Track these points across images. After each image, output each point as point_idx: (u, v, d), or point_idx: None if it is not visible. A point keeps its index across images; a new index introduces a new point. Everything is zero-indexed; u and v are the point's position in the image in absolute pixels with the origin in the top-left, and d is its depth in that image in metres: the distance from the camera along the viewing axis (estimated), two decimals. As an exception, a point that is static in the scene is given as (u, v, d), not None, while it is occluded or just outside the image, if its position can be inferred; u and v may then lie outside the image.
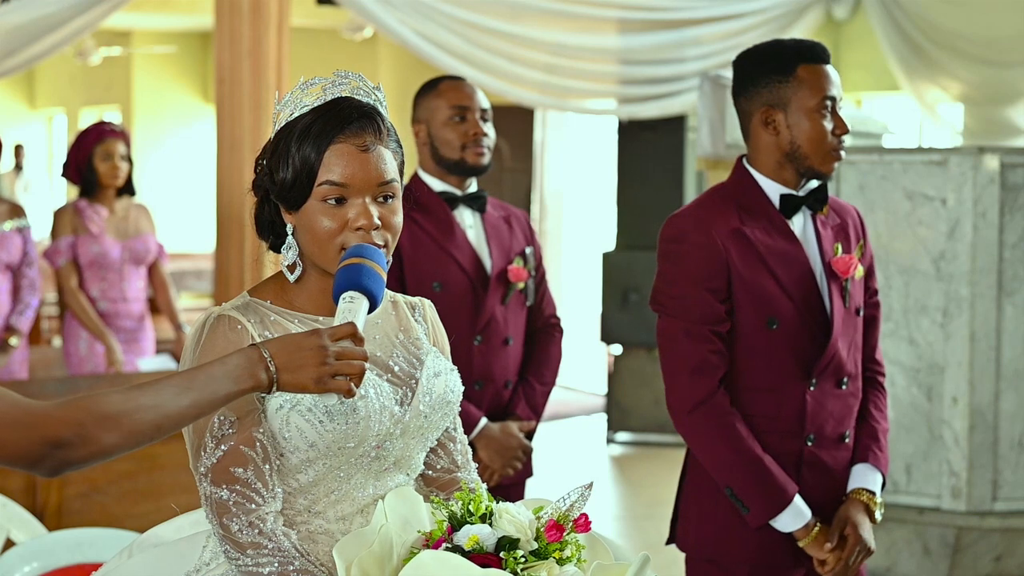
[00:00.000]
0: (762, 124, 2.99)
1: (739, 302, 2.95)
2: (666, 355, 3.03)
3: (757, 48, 3.06)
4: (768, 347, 2.96)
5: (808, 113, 2.95)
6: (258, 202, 2.18)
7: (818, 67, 2.97)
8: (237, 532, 2.01)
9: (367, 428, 2.07)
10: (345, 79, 2.13)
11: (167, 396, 1.84)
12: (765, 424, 2.97)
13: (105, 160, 5.65)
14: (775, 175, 3.01)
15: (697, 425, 2.95)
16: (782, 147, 2.98)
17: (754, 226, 2.97)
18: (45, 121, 18.70)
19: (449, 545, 1.96)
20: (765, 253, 2.95)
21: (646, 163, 8.52)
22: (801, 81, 2.95)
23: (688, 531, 3.11)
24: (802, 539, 2.98)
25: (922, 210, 5.15)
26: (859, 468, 3.07)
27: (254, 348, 1.90)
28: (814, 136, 2.95)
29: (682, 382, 2.97)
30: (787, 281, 2.96)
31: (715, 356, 2.94)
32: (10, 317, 5.61)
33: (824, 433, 3.02)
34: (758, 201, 3.00)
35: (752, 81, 3.00)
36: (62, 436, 1.77)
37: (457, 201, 3.69)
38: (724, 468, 2.95)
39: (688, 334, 2.96)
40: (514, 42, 7.60)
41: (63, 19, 6.41)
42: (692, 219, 2.99)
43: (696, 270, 2.95)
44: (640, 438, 8.69)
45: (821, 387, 3.00)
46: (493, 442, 3.61)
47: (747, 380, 2.97)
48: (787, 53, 2.98)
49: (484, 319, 3.63)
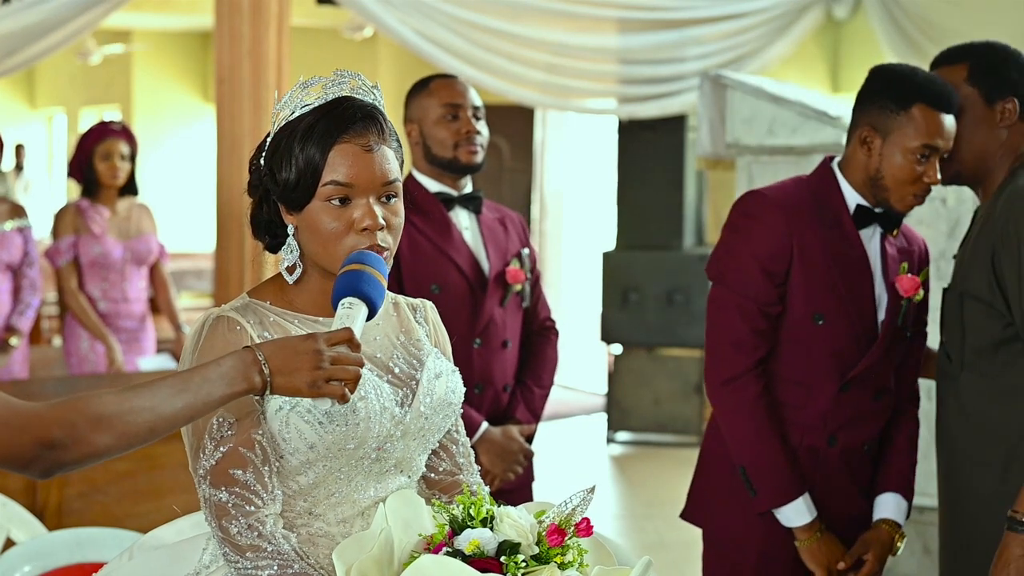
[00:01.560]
0: (860, 140, 3.01)
1: (792, 291, 2.98)
2: (712, 324, 3.04)
3: (893, 67, 3.07)
4: (809, 341, 2.99)
5: (904, 152, 2.96)
6: (255, 203, 2.17)
7: (935, 114, 2.95)
8: (236, 535, 1.99)
9: (367, 430, 2.06)
10: (344, 78, 2.13)
11: (161, 398, 1.83)
12: (791, 415, 3.00)
13: (105, 160, 5.65)
14: (860, 187, 3.04)
15: (727, 398, 2.98)
16: (869, 171, 3.01)
17: (827, 223, 3.01)
18: (45, 121, 18.69)
19: (450, 549, 1.95)
20: (828, 250, 2.99)
21: (646, 163, 8.51)
22: (911, 118, 2.95)
23: (702, 507, 3.14)
24: (801, 539, 2.99)
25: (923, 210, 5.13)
26: (889, 498, 3.10)
27: (248, 350, 1.89)
28: (900, 176, 2.97)
29: (722, 353, 3.00)
30: (842, 283, 2.99)
31: (758, 336, 2.97)
32: (11, 317, 5.61)
33: (844, 439, 3.03)
34: (835, 203, 3.03)
35: (870, 96, 3.02)
36: (54, 437, 1.76)
37: (453, 202, 3.68)
38: (743, 446, 2.98)
39: (739, 308, 2.98)
40: (514, 42, 7.60)
41: (64, 19, 6.41)
42: (769, 199, 3.02)
43: (761, 249, 2.98)
44: (640, 438, 8.69)
45: (854, 393, 3.02)
46: (495, 446, 3.60)
47: (784, 369, 3.00)
48: (912, 85, 2.96)
49: (483, 321, 3.62)
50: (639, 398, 8.58)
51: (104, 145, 5.65)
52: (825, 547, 2.99)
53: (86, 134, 5.74)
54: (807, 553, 2.99)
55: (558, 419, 9.24)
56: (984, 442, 2.99)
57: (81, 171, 5.70)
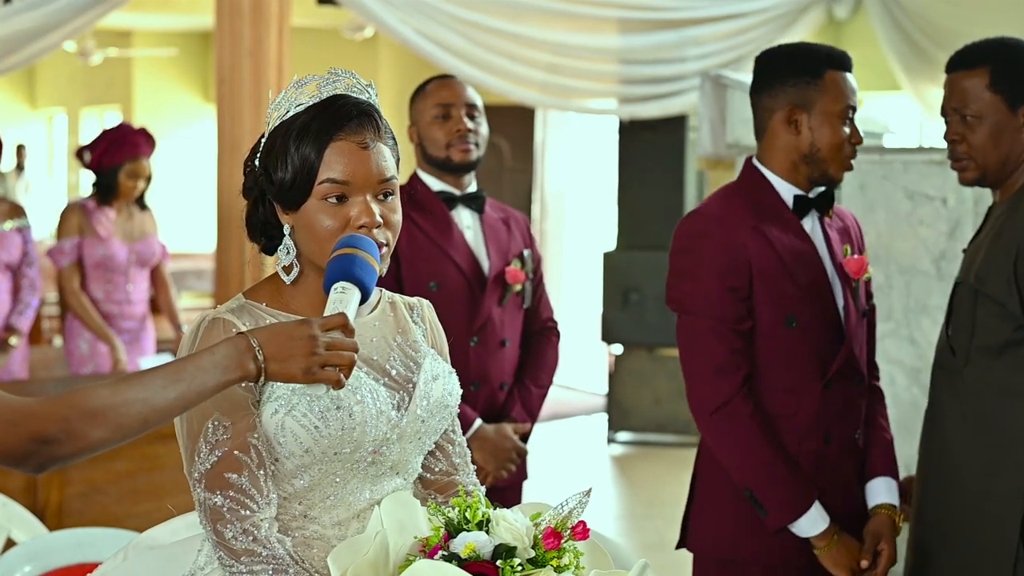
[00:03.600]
0: (784, 122, 2.98)
1: (759, 301, 2.93)
2: (688, 354, 2.98)
3: (786, 47, 3.06)
4: (787, 346, 2.95)
5: (831, 118, 2.96)
6: (250, 205, 2.16)
7: (844, 75, 2.98)
8: (231, 539, 1.98)
9: (363, 433, 2.05)
10: (338, 77, 2.12)
11: (154, 389, 1.82)
12: (784, 424, 2.96)
13: (130, 178, 5.68)
14: (789, 176, 3.00)
15: (720, 426, 2.92)
16: (801, 148, 2.98)
17: (770, 223, 2.97)
18: (46, 121, 18.70)
19: (445, 553, 1.94)
20: (781, 251, 2.95)
21: (646, 163, 8.51)
22: (828, 86, 2.96)
23: (703, 532, 3.06)
24: (820, 546, 2.94)
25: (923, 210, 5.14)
26: (881, 483, 3.07)
27: (242, 337, 1.88)
28: (835, 142, 2.96)
29: (705, 382, 2.93)
30: (804, 280, 2.96)
31: (738, 355, 2.92)
32: (10, 317, 5.61)
33: (839, 433, 3.01)
34: (772, 201, 3.00)
35: (779, 78, 2.99)
36: (48, 432, 1.76)
37: (455, 201, 3.69)
38: (745, 469, 2.92)
39: (712, 332, 2.92)
40: (515, 41, 7.59)
41: (64, 19, 6.41)
42: (712, 216, 2.97)
43: (718, 267, 2.92)
44: (640, 438, 8.69)
45: (836, 387, 2.99)
46: (488, 444, 3.61)
47: (767, 381, 2.95)
48: (817, 56, 2.98)
49: (481, 320, 3.62)
50: (639, 398, 8.58)
51: (135, 165, 5.67)
52: (844, 549, 2.95)
53: (117, 139, 5.67)
54: (828, 559, 2.94)
55: (558, 419, 9.24)
56: (978, 437, 2.98)
57: (99, 174, 5.69)
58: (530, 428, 3.72)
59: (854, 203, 5.39)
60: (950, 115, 3.10)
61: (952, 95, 3.10)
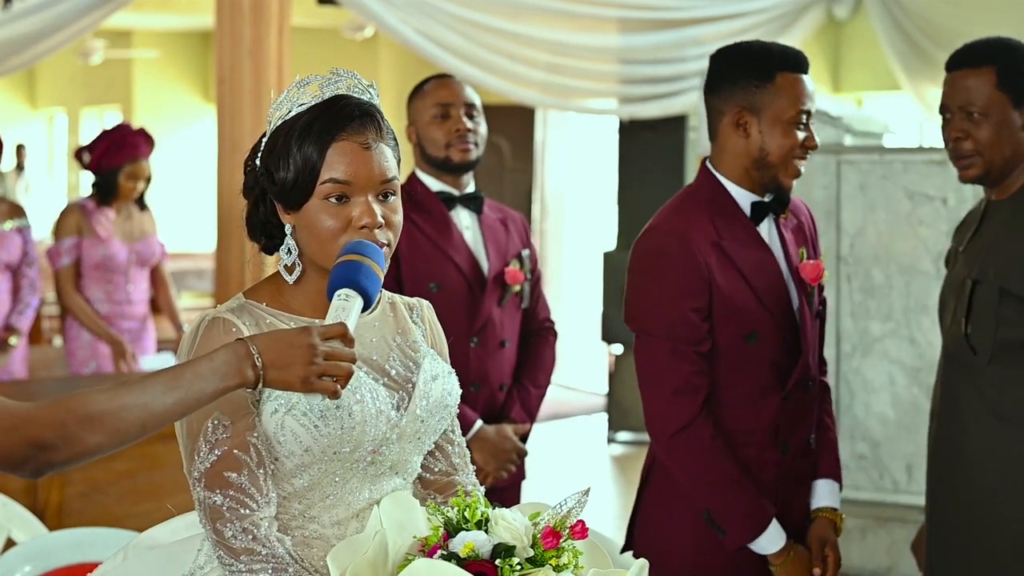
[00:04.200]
0: (733, 126, 2.89)
1: (719, 319, 2.85)
2: (646, 376, 2.91)
3: (737, 46, 2.96)
4: (747, 362, 2.88)
5: (782, 124, 2.86)
6: (251, 204, 2.16)
7: (798, 77, 2.87)
8: (231, 538, 1.98)
9: (363, 433, 2.05)
10: (340, 77, 2.12)
11: (152, 394, 1.82)
12: (745, 438, 2.90)
13: (130, 179, 5.69)
14: (742, 180, 2.92)
15: (679, 449, 2.86)
16: (751, 153, 2.89)
17: (730, 237, 2.88)
18: (46, 121, 18.69)
19: (444, 552, 1.94)
20: (742, 266, 2.86)
21: (646, 163, 8.52)
22: (779, 89, 2.85)
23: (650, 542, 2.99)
24: (776, 563, 2.90)
25: (923, 209, 5.14)
26: (822, 485, 3.03)
27: (242, 343, 1.87)
28: (785, 147, 2.86)
29: (664, 404, 2.87)
30: (764, 293, 2.88)
31: (698, 377, 2.84)
32: (10, 316, 5.61)
33: (796, 441, 2.97)
34: (729, 208, 2.91)
35: (729, 79, 2.90)
36: (45, 438, 1.75)
37: (454, 201, 3.69)
38: (704, 491, 2.87)
39: (672, 354, 2.84)
40: (516, 41, 7.59)
41: (67, 22, 6.42)
42: (672, 234, 2.87)
43: (679, 287, 2.84)
44: (640, 438, 8.68)
45: (793, 396, 2.93)
46: (488, 444, 3.61)
47: (727, 396, 2.89)
48: (768, 57, 2.88)
49: (481, 321, 3.63)
50: (639, 398, 8.57)
51: (135, 166, 5.67)
52: (799, 561, 2.91)
53: (117, 140, 5.67)
54: (784, 574, 2.90)
55: (558, 419, 9.24)
56: (1001, 432, 2.98)
57: (98, 174, 5.69)
58: (529, 428, 3.72)
59: (854, 203, 5.39)
60: (953, 112, 3.08)
61: (956, 93, 3.07)
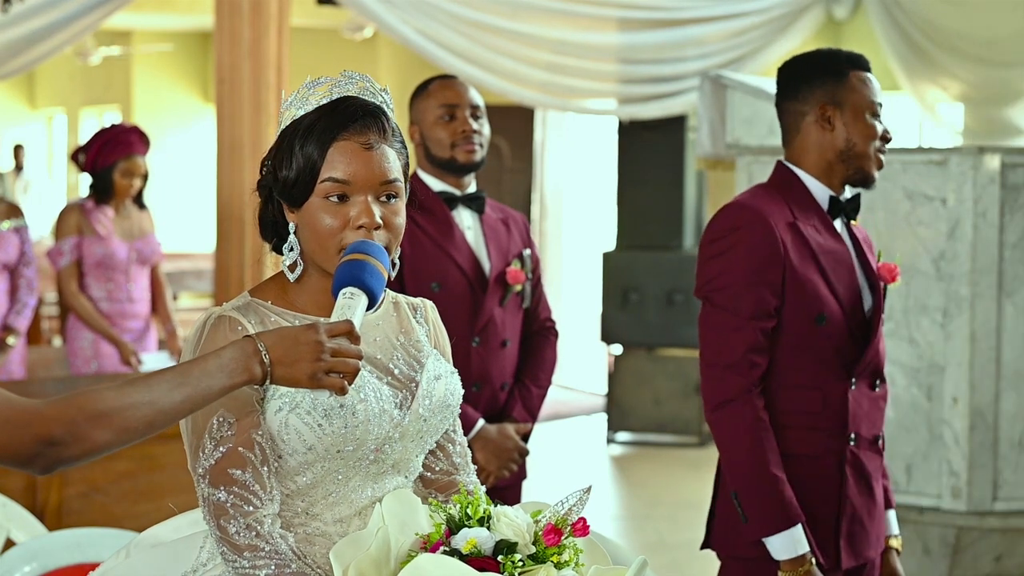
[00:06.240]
0: (817, 122, 2.99)
1: (789, 297, 2.92)
2: (706, 345, 2.96)
3: (803, 55, 3.09)
4: (815, 344, 2.94)
5: (864, 112, 2.98)
6: (262, 202, 2.17)
7: (868, 75, 3.02)
8: (234, 534, 1.99)
9: (366, 431, 2.06)
10: (352, 79, 2.13)
11: (160, 392, 1.83)
12: (810, 421, 2.95)
13: (125, 176, 5.67)
14: (823, 176, 3.02)
15: (720, 423, 2.90)
16: (837, 145, 2.99)
17: (806, 222, 2.97)
18: (45, 121, 18.70)
19: (447, 548, 1.95)
20: (817, 250, 2.95)
21: (646, 163, 8.52)
22: (856, 84, 2.99)
23: (726, 531, 3.02)
24: (786, 570, 2.86)
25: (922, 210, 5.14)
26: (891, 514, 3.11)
27: (249, 340, 1.89)
28: (869, 135, 2.98)
29: (715, 375, 2.91)
30: (835, 280, 2.97)
31: (755, 354, 2.90)
32: (8, 316, 5.62)
33: (863, 434, 3.01)
34: (806, 199, 3.01)
35: (805, 81, 3.02)
36: (54, 434, 1.77)
37: (456, 201, 3.70)
38: (736, 471, 2.90)
39: (735, 328, 2.90)
40: (516, 40, 7.60)
41: (67, 23, 6.42)
42: (749, 209, 2.95)
43: (753, 261, 2.91)
44: (640, 438, 8.69)
45: (860, 387, 3.00)
46: (490, 444, 3.62)
47: (792, 377, 2.94)
48: (837, 59, 3.02)
49: (482, 321, 3.63)
50: (639, 398, 8.58)
51: (129, 163, 5.66)
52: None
53: (110, 139, 5.67)
54: None
55: (558, 419, 9.24)
56: None
57: (94, 174, 5.69)
58: (531, 428, 3.73)
59: (854, 203, 5.39)
60: None
61: None
